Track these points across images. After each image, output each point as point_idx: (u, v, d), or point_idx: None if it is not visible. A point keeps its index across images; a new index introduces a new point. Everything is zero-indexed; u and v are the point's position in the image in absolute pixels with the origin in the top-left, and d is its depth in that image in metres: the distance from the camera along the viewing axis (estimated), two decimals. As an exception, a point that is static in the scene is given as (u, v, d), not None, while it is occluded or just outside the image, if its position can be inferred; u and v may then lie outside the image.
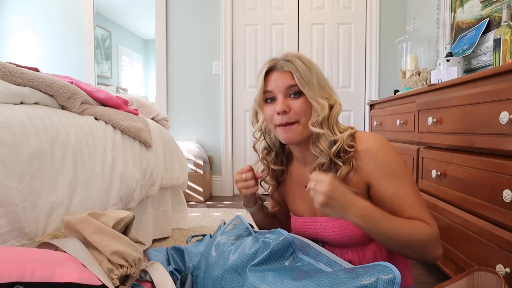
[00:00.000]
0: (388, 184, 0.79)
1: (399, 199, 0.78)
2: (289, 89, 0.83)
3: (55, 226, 0.94)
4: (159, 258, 0.99)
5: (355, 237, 0.83)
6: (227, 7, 2.96)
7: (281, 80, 0.83)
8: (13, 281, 0.59)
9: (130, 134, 1.38)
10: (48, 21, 3.29)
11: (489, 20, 1.70)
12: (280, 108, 0.82)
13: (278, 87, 0.84)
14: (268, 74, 0.86)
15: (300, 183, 0.96)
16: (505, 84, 0.92)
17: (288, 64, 0.83)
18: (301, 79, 0.81)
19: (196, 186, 2.75)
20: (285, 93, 0.84)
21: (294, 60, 0.83)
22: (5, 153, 0.80)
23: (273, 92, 0.85)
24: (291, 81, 0.82)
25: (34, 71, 1.07)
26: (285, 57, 0.84)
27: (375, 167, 0.79)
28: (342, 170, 0.81)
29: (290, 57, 0.84)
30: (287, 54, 0.86)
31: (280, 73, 0.84)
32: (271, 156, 0.98)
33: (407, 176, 0.80)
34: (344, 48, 2.94)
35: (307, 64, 0.83)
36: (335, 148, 0.80)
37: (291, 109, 0.83)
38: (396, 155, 0.81)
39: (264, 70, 0.86)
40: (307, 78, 0.81)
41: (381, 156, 0.80)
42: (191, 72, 3.05)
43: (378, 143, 0.81)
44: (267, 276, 0.71)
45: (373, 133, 0.86)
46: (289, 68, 0.82)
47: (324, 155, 0.82)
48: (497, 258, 0.92)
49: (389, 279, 0.60)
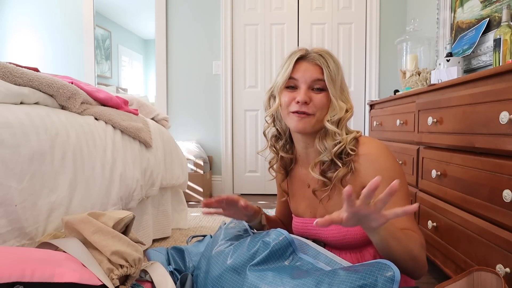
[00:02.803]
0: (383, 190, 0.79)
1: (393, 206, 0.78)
2: (314, 82, 0.85)
3: (55, 226, 0.94)
4: (159, 258, 0.99)
5: (354, 239, 0.83)
6: (227, 7, 2.96)
7: (309, 71, 0.85)
8: (13, 281, 0.59)
9: (130, 134, 1.38)
10: (48, 21, 3.29)
11: (489, 20, 1.70)
12: (302, 98, 0.83)
13: (304, 77, 0.85)
14: (296, 62, 0.86)
15: (302, 184, 0.96)
16: (505, 84, 0.92)
17: (320, 58, 0.84)
18: (329, 76, 0.83)
19: (196, 186, 2.75)
20: (309, 85, 0.85)
21: (327, 56, 0.85)
22: (5, 153, 0.80)
23: (298, 81, 0.86)
24: (319, 75, 0.84)
25: (34, 71, 1.07)
26: (318, 51, 0.86)
27: (373, 172, 0.80)
28: (339, 172, 0.82)
29: (323, 52, 0.86)
30: (318, 48, 0.87)
31: (310, 64, 0.85)
32: (279, 144, 0.98)
33: (403, 186, 0.81)
34: (344, 48, 2.94)
35: (337, 64, 0.86)
36: (337, 147, 0.82)
37: (311, 101, 0.84)
38: (395, 164, 0.82)
39: (295, 57, 0.86)
40: (335, 77, 0.84)
41: (380, 162, 0.81)
42: (191, 72, 3.05)
43: (379, 149, 0.83)
44: (267, 276, 0.71)
45: (375, 139, 0.87)
46: (320, 63, 0.84)
47: (327, 152, 0.83)
48: (497, 258, 0.92)
49: (388, 277, 0.60)
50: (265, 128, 0.98)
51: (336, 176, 0.82)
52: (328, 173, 0.85)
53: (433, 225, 1.27)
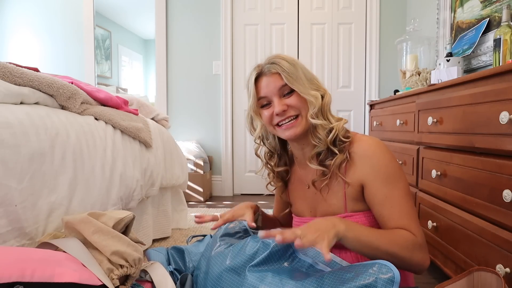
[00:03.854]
0: (380, 187, 0.80)
1: (389, 203, 0.79)
2: (282, 89, 0.86)
3: (55, 226, 0.94)
4: (159, 258, 0.99)
5: None
6: (227, 7, 2.96)
7: (271, 83, 0.86)
8: (13, 281, 0.59)
9: (130, 134, 1.38)
10: (48, 21, 3.29)
11: (489, 20, 1.70)
12: (279, 109, 0.84)
13: (271, 91, 0.86)
14: (257, 81, 0.88)
15: (301, 183, 0.97)
16: (505, 84, 0.92)
17: (273, 66, 0.85)
18: (289, 77, 0.84)
19: (196, 186, 2.75)
20: (279, 94, 0.86)
21: (278, 61, 0.85)
22: (5, 153, 0.80)
23: (267, 97, 0.87)
24: (281, 82, 0.85)
25: (34, 71, 1.07)
26: (268, 61, 0.87)
27: (370, 169, 0.81)
28: (337, 158, 0.83)
29: (273, 59, 0.87)
30: (269, 57, 0.89)
31: (268, 77, 0.87)
32: (274, 160, 0.99)
33: (401, 182, 0.81)
34: (344, 48, 2.94)
35: (291, 62, 0.86)
36: (332, 135, 0.84)
37: (288, 106, 0.85)
38: (392, 160, 0.83)
39: (253, 78, 0.88)
40: (294, 75, 0.84)
41: (376, 159, 0.82)
42: (191, 72, 3.05)
43: (376, 146, 0.84)
44: (267, 277, 0.71)
45: (371, 137, 0.88)
46: (275, 70, 0.85)
47: (322, 143, 0.85)
48: (497, 258, 0.92)
49: (388, 278, 0.61)
50: (256, 149, 0.99)
51: (334, 163, 0.83)
52: (326, 162, 0.86)
53: (433, 225, 1.27)
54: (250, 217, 0.90)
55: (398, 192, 0.80)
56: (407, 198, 0.81)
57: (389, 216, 0.79)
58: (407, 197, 0.81)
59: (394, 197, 0.79)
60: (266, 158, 0.99)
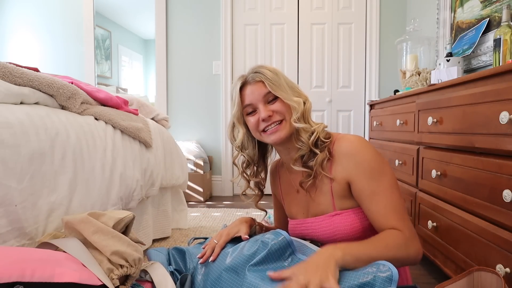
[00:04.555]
0: (366, 182, 0.82)
1: (375, 198, 0.81)
2: (266, 96, 0.90)
3: (55, 226, 0.94)
4: (159, 258, 0.99)
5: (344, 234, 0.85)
6: (227, 7, 2.96)
7: (256, 90, 0.90)
8: (13, 281, 0.59)
9: (130, 134, 1.38)
10: (48, 21, 3.29)
11: (489, 20, 1.70)
12: (265, 115, 0.88)
13: (255, 98, 0.90)
14: (242, 89, 0.92)
15: (292, 189, 1.00)
16: (505, 84, 0.92)
17: (257, 75, 0.90)
18: (272, 85, 0.88)
19: (196, 186, 2.75)
20: (263, 101, 0.90)
21: (261, 70, 0.90)
22: (5, 153, 0.80)
23: (252, 104, 0.91)
24: (265, 89, 0.89)
25: (34, 71, 1.07)
26: (252, 70, 0.92)
27: (354, 165, 0.83)
28: (318, 157, 0.86)
29: (257, 68, 0.91)
30: (252, 67, 0.93)
31: (253, 85, 0.90)
32: (250, 169, 1.02)
33: (386, 176, 0.83)
34: (344, 48, 2.94)
35: (273, 70, 0.91)
36: (313, 137, 0.87)
37: (273, 112, 0.89)
38: (375, 155, 0.85)
39: (238, 87, 0.92)
40: (277, 83, 0.89)
41: (360, 155, 0.84)
42: (191, 72, 3.05)
43: (358, 143, 0.86)
44: (266, 276, 0.71)
45: (353, 134, 0.91)
46: (259, 78, 0.89)
47: (305, 145, 0.88)
48: (497, 258, 0.92)
49: (386, 277, 0.61)
50: (234, 158, 1.01)
51: (316, 163, 0.86)
52: (309, 163, 0.89)
53: (433, 225, 1.27)
54: (244, 231, 0.91)
55: (384, 185, 0.81)
56: (394, 191, 0.82)
57: (377, 211, 0.81)
58: (394, 190, 0.82)
59: (380, 192, 0.81)
60: (243, 167, 1.01)
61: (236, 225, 0.95)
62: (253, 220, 1.01)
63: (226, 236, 0.91)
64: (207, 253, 0.90)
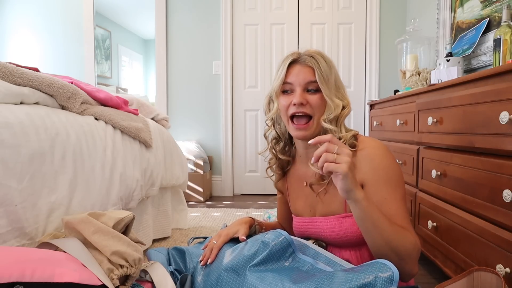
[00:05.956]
0: (379, 189, 0.80)
1: (387, 205, 0.79)
2: (308, 84, 0.86)
3: (55, 226, 0.94)
4: (159, 258, 0.99)
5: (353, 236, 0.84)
6: (227, 7, 2.96)
7: (302, 74, 0.86)
8: (13, 281, 0.59)
9: (130, 134, 1.38)
10: (48, 21, 3.29)
11: (489, 20, 1.70)
12: (298, 100, 0.85)
13: (298, 80, 0.87)
14: (290, 66, 0.89)
15: (300, 182, 0.98)
16: (505, 84, 0.92)
17: (311, 60, 0.86)
18: (321, 76, 0.84)
19: (196, 186, 2.75)
20: (303, 87, 0.87)
21: (318, 57, 0.86)
22: (5, 153, 0.80)
23: (292, 84, 0.88)
24: (311, 77, 0.86)
25: (34, 71, 1.07)
26: (308, 53, 0.87)
27: (369, 170, 0.81)
28: None
29: (314, 53, 0.87)
30: (310, 50, 0.89)
31: (302, 67, 0.87)
32: (279, 146, 1.00)
33: (400, 187, 0.81)
34: (344, 48, 2.94)
35: (329, 63, 0.87)
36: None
37: (307, 102, 0.86)
38: (393, 164, 0.83)
39: (287, 62, 0.88)
40: (327, 77, 0.85)
41: (378, 161, 0.82)
42: (191, 72, 3.05)
43: (378, 148, 0.84)
44: (267, 277, 0.71)
45: (375, 139, 0.89)
46: (311, 64, 0.85)
47: None
48: (497, 258, 0.92)
49: (387, 277, 0.61)
50: (266, 130, 1.00)
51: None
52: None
53: (433, 225, 1.27)
54: (242, 232, 0.90)
55: (396, 196, 0.80)
56: (404, 203, 0.81)
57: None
58: (404, 202, 0.81)
59: (392, 201, 0.79)
60: (272, 142, 1.00)
61: (236, 225, 0.95)
62: (253, 220, 1.00)
63: (225, 236, 0.91)
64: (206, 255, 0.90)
